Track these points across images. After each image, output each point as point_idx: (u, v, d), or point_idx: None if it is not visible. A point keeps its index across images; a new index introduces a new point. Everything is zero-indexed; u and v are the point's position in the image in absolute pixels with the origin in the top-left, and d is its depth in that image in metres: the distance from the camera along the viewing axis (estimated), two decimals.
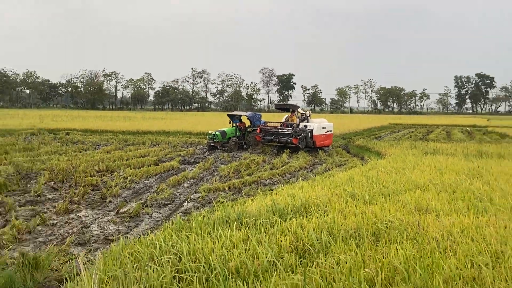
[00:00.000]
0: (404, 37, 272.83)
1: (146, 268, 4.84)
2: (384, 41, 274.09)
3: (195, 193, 11.98)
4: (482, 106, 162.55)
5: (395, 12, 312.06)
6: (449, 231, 6.04)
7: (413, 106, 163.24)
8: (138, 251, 5.44)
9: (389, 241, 5.71)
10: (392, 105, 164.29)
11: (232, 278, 4.60)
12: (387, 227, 6.21)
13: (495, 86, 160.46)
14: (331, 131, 23.34)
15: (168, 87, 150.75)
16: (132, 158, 17.78)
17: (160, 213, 9.73)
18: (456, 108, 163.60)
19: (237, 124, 23.97)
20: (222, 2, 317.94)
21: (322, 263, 4.97)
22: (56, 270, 5.99)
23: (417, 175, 11.20)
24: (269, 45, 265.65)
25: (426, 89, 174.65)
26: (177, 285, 4.45)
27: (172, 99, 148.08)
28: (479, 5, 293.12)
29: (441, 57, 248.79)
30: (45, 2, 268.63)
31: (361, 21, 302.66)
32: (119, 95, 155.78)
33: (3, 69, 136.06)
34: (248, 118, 24.07)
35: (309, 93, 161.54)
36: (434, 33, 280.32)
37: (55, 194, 11.27)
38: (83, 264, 5.22)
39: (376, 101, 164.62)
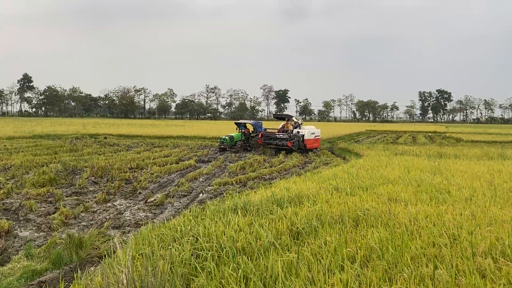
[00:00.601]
0: (379, 59, 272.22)
1: (169, 247, 4.84)
2: (362, 62, 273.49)
3: (209, 186, 11.99)
4: (441, 116, 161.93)
5: (372, 38, 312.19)
6: (415, 217, 6.02)
7: (385, 115, 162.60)
8: (163, 233, 5.44)
9: (366, 225, 5.71)
10: (368, 115, 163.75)
11: (239, 255, 4.60)
12: (364, 214, 6.20)
13: (452, 100, 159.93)
14: (318, 136, 23.31)
15: (186, 100, 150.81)
16: (157, 158, 17.80)
17: (180, 202, 9.73)
18: (420, 117, 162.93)
19: (243, 130, 23.96)
20: (230, 32, 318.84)
21: (312, 243, 4.96)
22: (96, 248, 6.00)
23: (389, 172, 11.17)
24: (269, 66, 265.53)
25: (396, 102, 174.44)
26: (195, 261, 4.45)
27: (190, 110, 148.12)
28: (439, 33, 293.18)
29: (408, 76, 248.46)
30: (85, 32, 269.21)
31: (344, 46, 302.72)
32: (147, 106, 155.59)
33: (53, 85, 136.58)
34: (252, 125, 24.08)
35: (301, 105, 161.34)
36: (403, 55, 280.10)
37: (95, 187, 11.28)
38: (119, 243, 5.23)
39: (355, 111, 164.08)
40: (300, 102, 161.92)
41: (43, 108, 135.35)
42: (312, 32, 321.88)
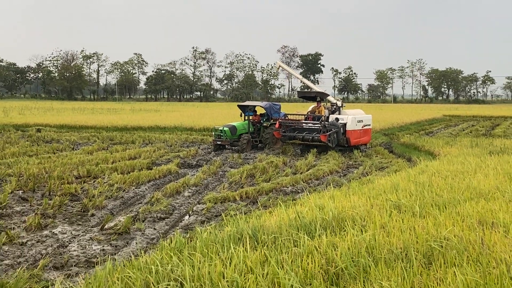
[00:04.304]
0: (463, 6, 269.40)
1: None
2: (438, 11, 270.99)
3: (199, 204, 12.01)
4: None
5: None
6: None
7: (473, 93, 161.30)
8: (129, 277, 5.48)
9: (444, 263, 5.68)
10: (446, 92, 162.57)
11: None
12: (442, 246, 6.17)
13: None
14: (369, 125, 23.20)
15: (163, 71, 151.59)
16: (119, 161, 17.90)
17: (155, 229, 9.78)
18: None
19: (251, 117, 23.95)
20: None
21: None
22: None
23: (480, 180, 11.09)
24: (290, 17, 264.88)
25: (490, 71, 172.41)
26: None
27: (168, 86, 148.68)
28: None
29: (509, 33, 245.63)
30: None
31: None
32: (102, 81, 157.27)
33: None
34: (265, 109, 24.04)
35: (340, 78, 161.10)
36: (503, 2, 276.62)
37: (25, 205, 11.38)
38: None
39: (427, 87, 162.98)
40: (340, 73, 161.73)
41: None
42: None
